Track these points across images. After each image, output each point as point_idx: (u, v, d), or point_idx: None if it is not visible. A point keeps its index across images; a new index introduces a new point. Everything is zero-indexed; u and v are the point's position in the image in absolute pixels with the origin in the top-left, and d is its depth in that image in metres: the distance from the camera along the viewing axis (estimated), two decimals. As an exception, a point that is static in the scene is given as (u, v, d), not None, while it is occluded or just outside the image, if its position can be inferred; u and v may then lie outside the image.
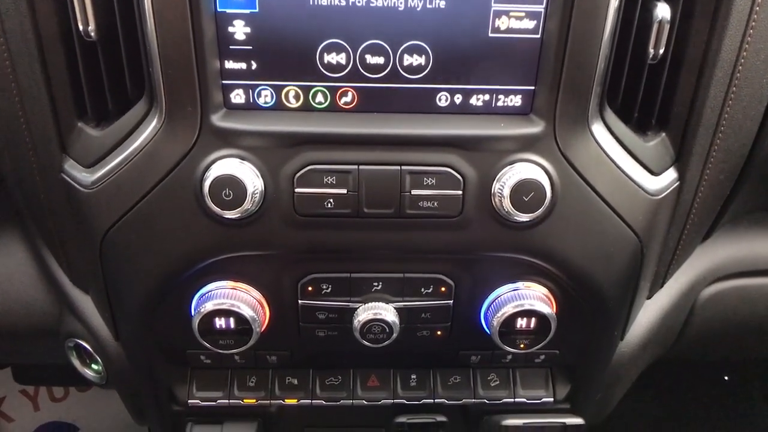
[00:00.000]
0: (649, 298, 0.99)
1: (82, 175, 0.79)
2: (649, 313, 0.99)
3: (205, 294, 0.82)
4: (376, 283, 0.84)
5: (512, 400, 0.98)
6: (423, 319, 0.87)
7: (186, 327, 0.85)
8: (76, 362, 1.02)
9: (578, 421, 0.92)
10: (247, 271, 0.83)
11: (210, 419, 0.98)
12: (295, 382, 0.96)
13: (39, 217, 0.88)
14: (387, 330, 0.84)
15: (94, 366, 1.03)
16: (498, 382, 0.98)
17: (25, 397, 1.98)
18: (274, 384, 0.96)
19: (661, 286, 0.99)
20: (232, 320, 0.82)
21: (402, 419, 0.96)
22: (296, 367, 0.96)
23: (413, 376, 0.98)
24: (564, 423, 0.92)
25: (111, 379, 0.99)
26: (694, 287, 1.02)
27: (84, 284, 0.94)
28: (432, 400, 0.97)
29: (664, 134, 0.82)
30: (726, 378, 1.88)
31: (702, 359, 1.36)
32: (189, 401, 0.95)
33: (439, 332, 0.89)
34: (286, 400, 0.96)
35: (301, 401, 0.96)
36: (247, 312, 0.82)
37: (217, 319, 0.82)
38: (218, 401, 0.95)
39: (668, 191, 0.84)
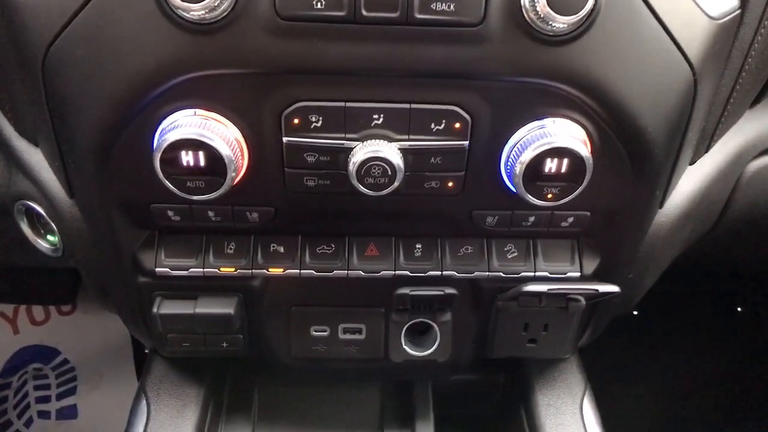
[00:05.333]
0: (692, 164, 0.85)
1: None
2: (691, 180, 0.85)
3: (169, 125, 0.68)
4: (376, 116, 0.69)
5: (532, 273, 0.84)
6: (432, 165, 0.73)
7: (149, 172, 0.71)
8: (28, 231, 0.88)
9: (613, 288, 0.78)
10: (220, 96, 0.68)
11: (181, 294, 0.84)
12: (281, 249, 0.82)
13: None
14: (389, 172, 0.70)
15: (49, 237, 0.89)
16: (516, 254, 0.84)
17: (4, 320, 1.86)
18: (256, 251, 0.82)
19: (707, 151, 0.85)
20: (201, 155, 0.68)
21: (404, 290, 0.82)
22: (282, 233, 0.83)
23: (418, 246, 0.84)
24: (596, 290, 0.78)
25: (67, 248, 0.85)
26: (741, 156, 0.89)
27: (31, 132, 0.80)
28: (439, 272, 0.83)
29: None
30: (739, 309, 1.79)
31: (732, 259, 1.23)
32: (157, 269, 0.81)
33: (450, 183, 0.74)
34: (270, 270, 0.82)
35: (288, 271, 0.82)
36: (220, 147, 0.67)
37: (183, 154, 0.67)
38: (191, 270, 0.81)
39: (729, 17, 0.70)
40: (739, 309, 1.80)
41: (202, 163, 0.68)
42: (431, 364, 0.91)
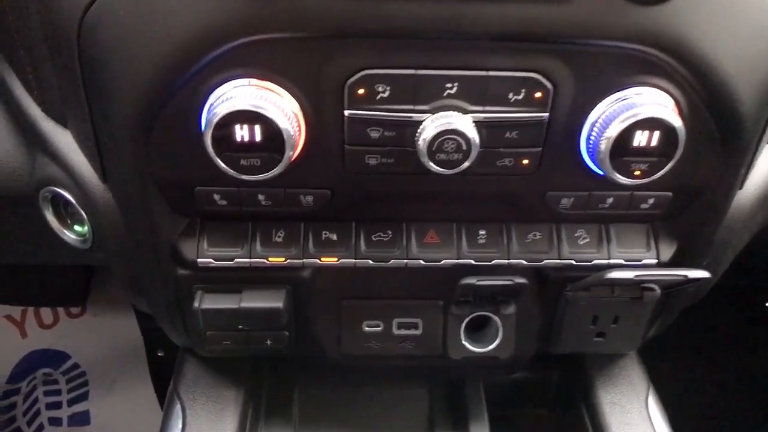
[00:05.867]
0: None
1: None
2: None
3: (221, 96, 0.61)
4: (449, 85, 0.63)
5: (605, 261, 0.77)
6: (507, 140, 0.66)
7: (195, 150, 0.64)
8: (54, 221, 0.81)
9: (703, 273, 0.72)
10: (277, 64, 0.61)
11: (224, 287, 0.77)
12: (334, 237, 0.75)
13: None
14: (464, 147, 0.63)
15: (76, 227, 0.82)
16: (588, 240, 0.77)
17: (11, 323, 1.79)
18: (307, 239, 0.75)
19: None
20: (258, 130, 0.61)
21: (470, 280, 0.75)
22: (335, 219, 0.76)
23: (482, 232, 0.77)
24: (686, 276, 0.72)
25: (98, 239, 0.78)
26: None
27: (59, 112, 0.73)
28: (506, 261, 0.76)
29: None
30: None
31: None
32: (198, 260, 0.74)
33: (525, 161, 0.68)
34: (322, 259, 0.75)
35: (342, 260, 0.75)
36: (279, 120, 0.60)
37: (237, 128, 0.61)
38: (236, 260, 0.74)
39: None
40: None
41: (257, 138, 0.61)
42: (490, 361, 0.84)
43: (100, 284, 1.75)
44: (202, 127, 0.63)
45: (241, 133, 0.61)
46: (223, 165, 0.62)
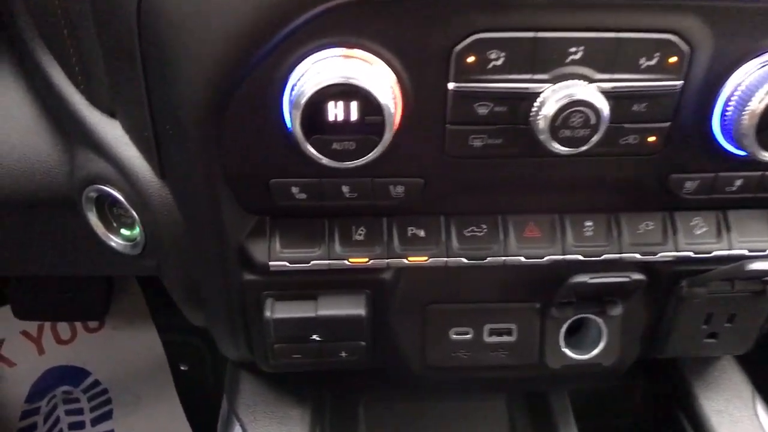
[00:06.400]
0: None
1: None
2: None
3: (306, 71, 0.52)
4: (573, 49, 0.54)
5: (726, 252, 0.68)
6: (634, 114, 0.57)
7: (273, 136, 0.55)
8: (98, 225, 0.72)
9: None
10: (374, 30, 0.52)
11: (296, 293, 0.68)
12: (422, 233, 0.66)
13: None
14: (592, 121, 0.54)
15: (123, 231, 0.73)
16: (705, 229, 0.68)
17: (28, 339, 1.70)
18: (391, 236, 0.66)
19: None
20: (355, 107, 0.52)
21: (581, 278, 0.66)
22: (421, 213, 0.67)
23: (588, 223, 0.68)
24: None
25: (150, 243, 0.69)
26: None
27: (107, 100, 0.64)
28: (617, 255, 0.67)
29: None
30: None
31: None
32: (270, 263, 0.65)
33: (651, 138, 0.58)
34: (410, 258, 0.66)
35: (432, 259, 0.66)
36: (380, 95, 0.52)
37: (331, 106, 0.52)
38: (313, 262, 0.65)
39: None
40: None
41: (353, 117, 0.52)
42: (591, 369, 0.75)
43: (118, 296, 1.67)
44: (285, 108, 0.54)
45: (335, 111, 0.52)
46: (312, 150, 0.53)
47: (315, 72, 0.52)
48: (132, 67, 0.57)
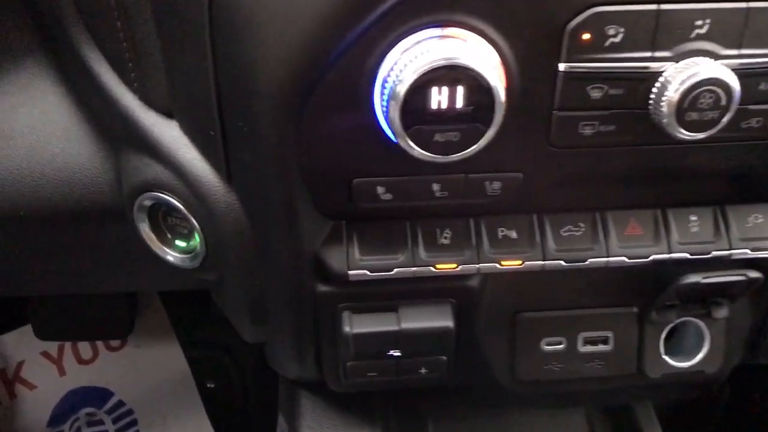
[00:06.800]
0: None
1: None
2: None
3: (405, 52, 0.46)
4: (699, 22, 0.48)
5: None
6: (760, 95, 0.51)
7: (362, 129, 0.49)
8: (151, 237, 0.66)
9: None
10: (473, 3, 0.46)
11: (373, 305, 0.62)
12: (513, 234, 0.60)
13: None
14: (723, 101, 0.48)
15: (178, 243, 0.67)
16: None
17: (48, 360, 1.64)
18: (480, 238, 0.60)
19: None
20: (461, 92, 0.46)
21: (693, 278, 0.60)
22: (509, 212, 0.61)
23: (693, 218, 0.62)
24: None
25: (213, 254, 0.63)
26: None
27: (164, 99, 0.58)
28: (727, 251, 0.61)
29: None
30: None
31: None
32: (350, 272, 0.59)
33: None
34: (502, 263, 0.60)
35: (528, 263, 0.60)
36: (490, 75, 0.46)
37: (434, 92, 0.46)
38: (396, 270, 0.59)
39: None
40: None
41: (460, 104, 0.47)
42: (692, 378, 0.69)
43: (139, 313, 1.61)
44: (376, 98, 0.48)
45: (438, 98, 0.46)
46: (411, 144, 0.48)
47: (412, 56, 0.46)
48: (199, 59, 0.51)
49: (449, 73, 0.46)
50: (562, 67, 0.49)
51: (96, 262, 0.77)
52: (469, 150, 0.48)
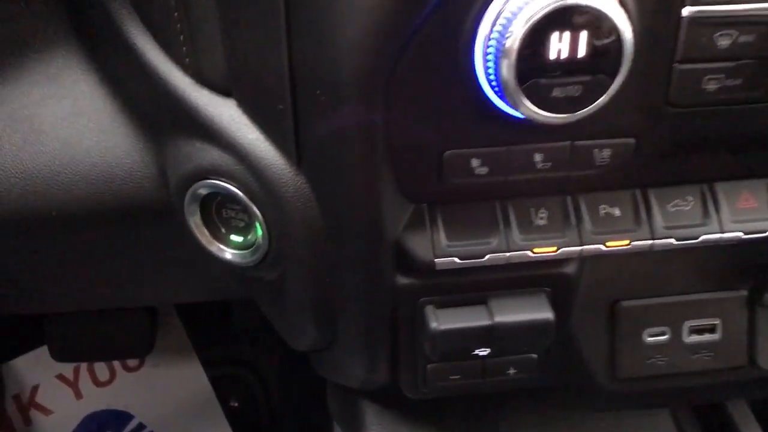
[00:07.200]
0: None
1: None
2: None
3: (506, 3, 0.41)
4: None
5: None
6: None
7: (457, 90, 0.43)
8: (203, 232, 0.59)
9: None
10: None
11: (459, 299, 0.56)
12: (616, 212, 0.54)
13: None
14: None
15: (233, 237, 0.60)
16: None
17: (64, 383, 1.57)
18: (580, 217, 0.54)
19: None
20: (584, 37, 0.40)
21: None
22: (611, 187, 0.54)
23: None
24: None
25: (277, 247, 0.56)
26: None
27: (222, 76, 0.52)
28: None
29: None
30: None
31: None
32: (437, 260, 0.53)
33: None
34: (607, 244, 0.54)
35: (635, 243, 0.53)
36: (618, 17, 0.40)
37: (554, 39, 0.40)
38: (488, 256, 0.53)
39: None
40: None
41: (582, 52, 0.41)
42: None
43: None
44: (478, 53, 0.42)
45: (559, 45, 0.40)
46: (527, 103, 0.41)
47: (522, 2, 0.40)
48: (269, 23, 0.45)
49: (568, 17, 0.40)
50: (686, 11, 0.43)
51: (131, 269, 0.70)
52: (590, 107, 0.42)
